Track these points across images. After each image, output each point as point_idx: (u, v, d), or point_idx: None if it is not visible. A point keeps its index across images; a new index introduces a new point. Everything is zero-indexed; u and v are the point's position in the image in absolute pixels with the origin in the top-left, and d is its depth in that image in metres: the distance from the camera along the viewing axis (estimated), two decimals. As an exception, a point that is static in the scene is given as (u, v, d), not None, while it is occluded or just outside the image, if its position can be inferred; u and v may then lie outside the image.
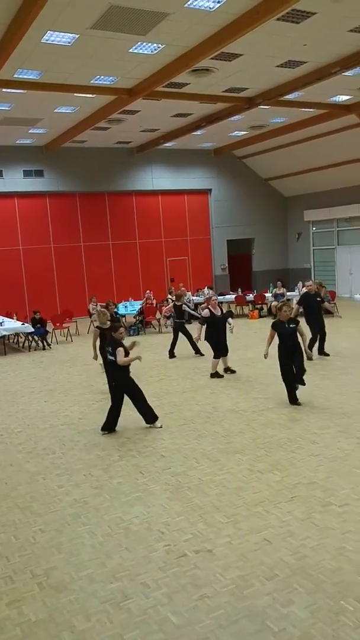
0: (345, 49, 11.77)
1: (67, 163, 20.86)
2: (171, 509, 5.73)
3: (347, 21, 10.27)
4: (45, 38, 10.24)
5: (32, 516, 5.80)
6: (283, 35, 10.74)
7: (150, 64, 12.05)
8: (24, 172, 20.30)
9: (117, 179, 22.04)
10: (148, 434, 8.05)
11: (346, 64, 12.39)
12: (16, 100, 14.19)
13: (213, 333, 10.96)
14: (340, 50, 11.89)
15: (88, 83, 13.12)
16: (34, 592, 4.50)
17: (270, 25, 10.06)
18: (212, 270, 24.68)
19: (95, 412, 9.36)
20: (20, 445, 8.00)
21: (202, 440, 7.66)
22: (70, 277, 21.69)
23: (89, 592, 4.43)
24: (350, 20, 10.27)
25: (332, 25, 10.37)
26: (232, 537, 5.08)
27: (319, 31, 10.61)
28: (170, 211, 23.60)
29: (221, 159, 23.77)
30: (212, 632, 3.89)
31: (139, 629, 3.98)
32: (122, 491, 6.23)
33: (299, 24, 10.21)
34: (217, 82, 13.71)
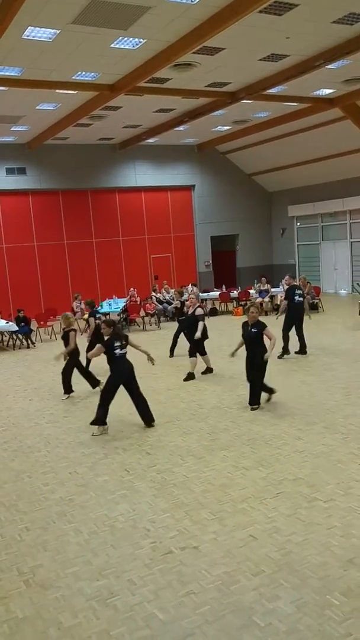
0: (328, 41, 11.74)
1: (50, 160, 20.71)
2: (157, 506, 5.73)
3: (331, 12, 10.22)
4: (26, 34, 10.14)
5: (18, 514, 5.78)
6: (265, 28, 10.71)
7: (131, 59, 11.99)
8: (7, 170, 20.12)
9: (100, 176, 21.94)
10: (133, 432, 8.04)
11: (330, 56, 12.36)
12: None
13: (188, 331, 10.98)
14: (323, 43, 11.86)
15: (70, 79, 13.03)
16: (20, 589, 4.49)
17: (253, 18, 10.01)
18: (196, 267, 24.68)
19: (80, 410, 9.33)
20: (6, 444, 7.96)
21: (187, 437, 7.68)
22: (54, 275, 21.56)
23: (75, 590, 4.43)
24: (334, 12, 10.21)
25: (316, 16, 10.32)
26: (218, 534, 5.10)
27: (302, 23, 10.57)
28: (153, 208, 23.54)
29: (204, 154, 23.75)
30: (198, 627, 3.91)
31: (125, 625, 3.99)
32: (107, 489, 6.23)
33: (281, 16, 10.16)
34: (200, 77, 13.69)
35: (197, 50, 11.52)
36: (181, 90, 14.66)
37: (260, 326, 8.59)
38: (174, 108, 17.02)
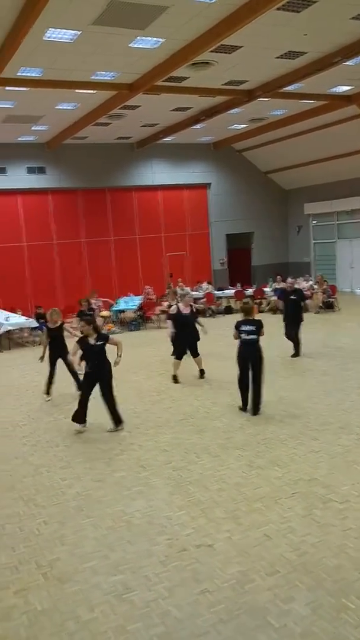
0: (347, 37, 11.63)
1: (69, 159, 20.86)
2: (172, 503, 5.81)
3: (349, 9, 10.12)
4: (47, 35, 10.25)
5: (36, 508, 5.90)
6: (283, 26, 10.66)
7: (150, 58, 12.05)
8: (27, 169, 20.32)
9: (118, 175, 22.04)
10: (149, 428, 8.13)
11: (347, 53, 12.25)
12: (19, 97, 14.20)
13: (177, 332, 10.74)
14: (341, 40, 11.76)
15: (89, 79, 13.12)
16: (39, 582, 4.60)
17: (270, 16, 9.95)
18: (211, 265, 24.70)
19: (97, 406, 9.42)
20: (25, 438, 8.10)
21: (202, 435, 7.74)
22: (72, 272, 21.73)
23: (93, 584, 4.53)
24: (353, 8, 10.10)
25: (334, 13, 10.21)
26: (233, 532, 5.16)
27: (320, 20, 10.49)
28: (169, 206, 23.59)
29: (220, 152, 23.73)
30: (213, 626, 3.98)
31: (141, 621, 4.07)
32: (124, 485, 6.32)
33: (299, 13, 10.09)
34: (217, 75, 13.70)
35: (215, 48, 11.53)
36: (198, 88, 14.69)
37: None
38: (190, 107, 17.05)
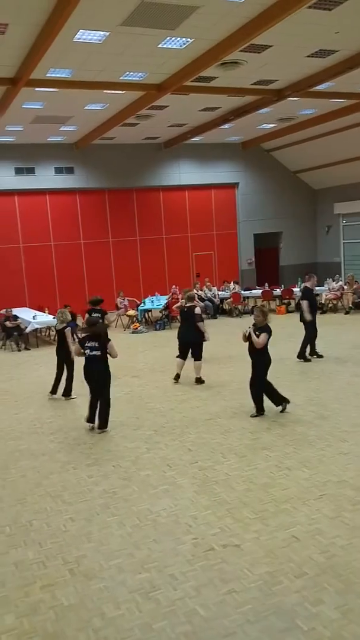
0: (380, 34, 11.47)
1: (97, 160, 21.01)
2: (198, 502, 5.78)
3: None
4: (77, 37, 10.33)
5: (63, 505, 5.93)
6: (314, 24, 10.54)
7: (179, 58, 12.05)
8: (55, 169, 20.54)
9: (145, 175, 22.11)
10: (175, 428, 8.11)
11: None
12: (48, 98, 14.35)
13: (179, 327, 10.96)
14: (374, 37, 11.58)
15: (118, 80, 13.19)
16: (65, 577, 4.62)
17: (301, 14, 9.85)
18: (239, 265, 24.60)
19: (123, 404, 9.46)
20: (52, 435, 8.16)
21: (228, 435, 7.70)
22: (99, 272, 21.88)
23: (118, 581, 4.53)
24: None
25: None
26: (260, 533, 5.11)
27: (352, 17, 10.29)
28: (197, 206, 23.57)
29: (249, 152, 23.63)
30: (240, 626, 3.94)
31: (167, 619, 4.05)
32: (150, 483, 6.31)
33: (331, 11, 9.96)
34: (246, 75, 13.63)
35: (244, 48, 11.46)
36: (227, 88, 14.64)
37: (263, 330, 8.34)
38: (219, 106, 17.00)
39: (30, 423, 8.81)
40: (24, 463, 7.17)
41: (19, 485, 6.51)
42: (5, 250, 20.37)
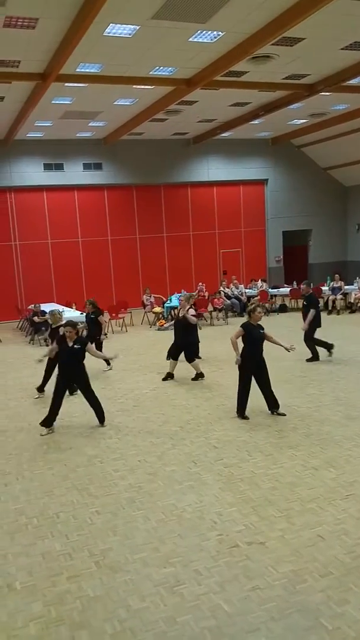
0: None
1: (125, 155, 21.08)
2: (223, 499, 5.77)
3: None
4: (107, 31, 10.35)
5: (90, 498, 5.98)
6: (349, 15, 10.30)
7: (209, 52, 11.99)
8: (84, 165, 20.67)
9: (173, 171, 22.11)
10: (200, 424, 8.11)
11: None
12: (77, 94, 14.43)
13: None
14: None
15: (147, 74, 13.19)
16: (91, 569, 4.67)
17: (336, 5, 9.62)
18: (267, 262, 24.44)
19: (149, 400, 9.50)
20: (79, 429, 8.23)
21: (254, 433, 7.66)
22: (126, 268, 21.98)
23: (143, 575, 4.55)
24: None
25: None
26: (285, 532, 5.08)
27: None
28: (225, 202, 23.48)
29: (278, 148, 23.43)
30: (264, 623, 3.92)
31: (191, 613, 4.06)
32: (175, 479, 6.32)
33: (367, 1, 9.81)
34: (277, 69, 13.50)
35: (276, 41, 11.34)
36: (258, 83, 14.52)
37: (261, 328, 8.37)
38: (249, 102, 16.89)
39: (58, 417, 8.87)
40: (51, 456, 7.25)
41: (47, 477, 6.59)
42: (33, 246, 20.61)
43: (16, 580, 4.56)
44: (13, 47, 10.90)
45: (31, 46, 10.93)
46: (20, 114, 15.88)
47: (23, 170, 19.92)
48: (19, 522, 5.53)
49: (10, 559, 4.87)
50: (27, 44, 10.81)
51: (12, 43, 10.69)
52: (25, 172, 19.96)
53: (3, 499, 6.08)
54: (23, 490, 6.26)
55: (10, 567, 4.76)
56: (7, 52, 11.16)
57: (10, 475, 6.72)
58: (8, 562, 4.84)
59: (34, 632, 3.94)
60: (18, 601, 4.29)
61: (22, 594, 4.39)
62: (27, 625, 4.02)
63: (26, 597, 4.34)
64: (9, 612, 4.17)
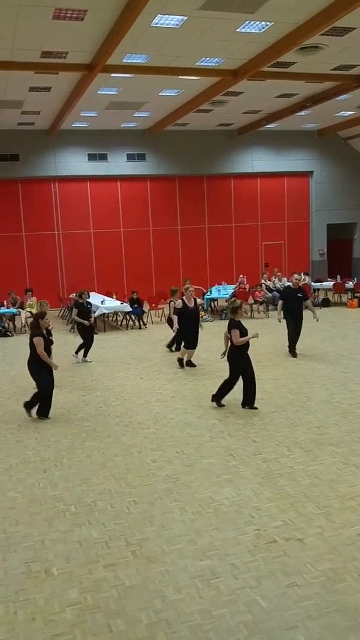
0: None
1: (169, 146, 21.06)
2: (261, 494, 5.73)
3: None
4: (155, 22, 10.33)
5: (127, 487, 6.02)
6: None
7: (257, 43, 11.84)
8: (127, 156, 20.76)
9: (217, 162, 21.97)
10: (239, 418, 8.07)
11: None
12: (123, 84, 14.48)
13: (183, 324, 10.99)
14: None
15: (193, 65, 13.12)
16: (128, 559, 4.70)
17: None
18: (310, 256, 24.09)
19: (188, 391, 9.50)
20: (117, 418, 8.30)
21: (294, 428, 7.58)
22: (166, 259, 22.02)
23: (180, 566, 4.55)
24: None
25: None
26: (324, 529, 5.01)
27: None
28: (268, 194, 23.23)
29: (325, 140, 23.01)
30: (301, 621, 3.88)
31: (227, 607, 4.04)
32: (212, 472, 6.31)
33: None
34: (326, 60, 13.24)
35: (326, 31, 11.13)
36: (305, 74, 14.29)
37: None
38: (296, 93, 16.63)
39: (96, 405, 8.99)
40: (89, 444, 7.33)
41: (85, 465, 6.66)
42: (76, 236, 20.85)
43: (54, 566, 4.63)
44: (61, 38, 11.01)
45: (79, 37, 11.01)
46: (66, 104, 16.04)
47: (67, 160, 20.14)
48: (57, 509, 5.61)
49: (48, 545, 4.95)
50: (75, 36, 10.90)
51: (60, 34, 10.80)
52: (69, 162, 20.17)
53: (42, 485, 6.18)
54: (61, 477, 6.35)
55: (48, 553, 4.83)
56: (55, 43, 11.28)
57: (49, 461, 6.82)
58: (46, 547, 4.91)
59: (70, 618, 4.00)
60: (55, 587, 4.36)
61: (59, 579, 4.45)
62: (63, 610, 4.08)
63: (63, 583, 4.40)
64: (47, 597, 4.24)
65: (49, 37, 10.89)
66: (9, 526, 5.30)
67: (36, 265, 20.53)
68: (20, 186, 20.08)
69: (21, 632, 3.87)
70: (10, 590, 4.33)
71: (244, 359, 8.42)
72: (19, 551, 4.86)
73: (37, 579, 4.47)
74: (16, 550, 4.88)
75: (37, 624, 3.95)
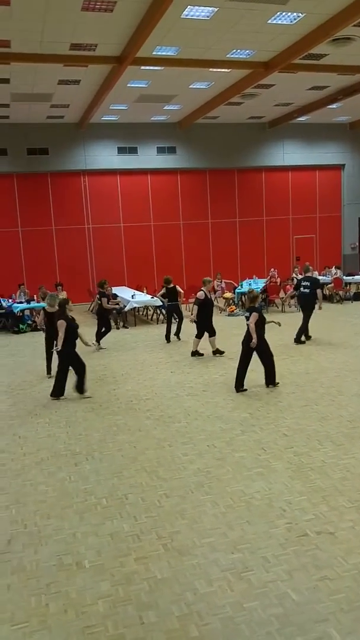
0: None
1: (199, 139, 20.99)
2: (293, 487, 5.71)
3: None
4: (185, 13, 10.29)
5: (158, 480, 6.06)
6: None
7: (288, 34, 11.70)
8: (157, 149, 20.76)
9: (248, 155, 21.83)
10: (270, 412, 8.04)
11: None
12: (153, 77, 14.47)
13: (204, 315, 11.46)
14: None
15: (224, 57, 13.04)
16: (159, 552, 4.73)
17: None
18: (341, 250, 23.79)
19: (218, 385, 9.50)
20: (148, 412, 8.35)
21: (325, 422, 7.52)
22: (197, 253, 21.99)
23: (211, 560, 4.57)
24: None
25: None
26: (356, 523, 4.97)
27: None
28: (299, 187, 23.00)
29: (357, 132, 22.65)
30: (332, 614, 3.86)
31: (258, 600, 4.05)
32: (244, 465, 6.31)
33: None
34: (358, 52, 13.04)
35: (358, 22, 10.94)
36: (337, 66, 14.09)
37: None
38: (328, 85, 16.40)
39: (127, 399, 9.06)
40: (120, 438, 7.40)
41: (116, 459, 6.72)
42: (106, 230, 20.97)
43: (85, 559, 4.68)
44: (90, 30, 11.03)
45: (108, 29, 11.03)
46: (95, 97, 16.10)
47: (97, 153, 20.24)
48: (88, 502, 5.67)
49: (79, 538, 5.01)
50: (105, 27, 10.91)
51: (89, 26, 10.82)
52: (99, 155, 20.28)
53: (73, 478, 6.25)
54: (92, 471, 6.41)
55: (80, 546, 4.89)
56: (85, 35, 11.31)
57: (80, 455, 6.90)
58: (77, 540, 4.97)
59: (102, 610, 4.04)
60: (87, 579, 4.41)
61: (90, 572, 4.50)
62: (95, 602, 4.13)
63: (95, 576, 4.45)
64: (78, 589, 4.29)
65: (78, 29, 10.91)
66: (40, 519, 5.38)
67: (66, 260, 20.71)
68: (50, 180, 20.24)
69: (53, 624, 3.93)
70: (42, 582, 4.40)
71: (262, 342, 9.04)
72: (50, 544, 4.94)
73: (69, 571, 4.53)
74: (47, 543, 4.96)
75: (69, 616, 4.00)
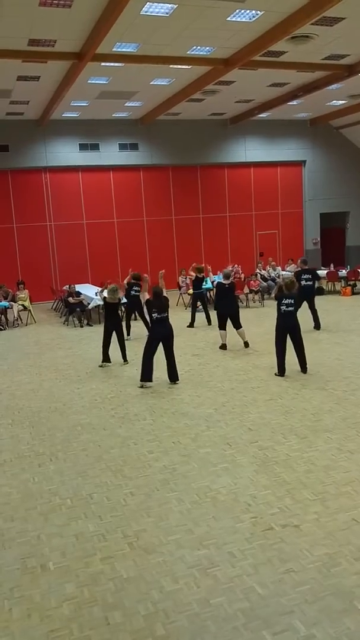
0: None
1: (161, 136, 20.96)
2: (258, 482, 5.76)
3: None
4: (144, 10, 10.24)
5: (124, 479, 6.03)
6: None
7: (247, 32, 11.76)
8: (119, 146, 20.63)
9: (210, 152, 21.89)
10: (235, 407, 8.09)
11: None
12: (113, 73, 14.36)
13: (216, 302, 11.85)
14: None
15: (184, 54, 13.03)
16: (125, 551, 4.71)
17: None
18: (304, 245, 24.10)
19: (183, 382, 9.51)
20: (113, 411, 8.30)
21: (289, 416, 7.61)
22: (161, 250, 21.95)
23: (177, 557, 4.57)
24: None
25: None
26: (320, 515, 5.04)
27: None
28: (262, 184, 23.19)
29: (317, 129, 22.96)
30: (297, 605, 3.91)
31: (225, 595, 4.07)
32: (209, 461, 6.33)
33: None
34: (317, 50, 13.18)
35: (316, 21, 11.08)
36: (297, 63, 14.24)
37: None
38: (288, 82, 16.57)
39: (92, 398, 8.99)
40: (85, 437, 7.33)
41: (80, 458, 6.66)
42: (68, 227, 20.74)
43: (50, 561, 4.61)
44: (49, 26, 10.88)
45: (67, 25, 10.89)
46: (56, 93, 15.89)
47: (58, 150, 20.00)
48: (52, 503, 5.60)
49: (44, 540, 4.94)
50: (63, 23, 10.77)
51: (48, 22, 10.66)
52: (60, 152, 20.03)
53: (37, 479, 6.17)
54: (57, 471, 6.34)
55: (44, 547, 4.82)
56: (43, 31, 11.14)
57: (43, 455, 6.81)
58: (42, 542, 4.90)
59: (67, 613, 3.99)
60: (52, 582, 4.34)
61: (55, 574, 4.44)
62: (60, 605, 4.07)
63: (59, 578, 4.39)
64: (42, 592, 4.22)
65: (36, 24, 10.73)
66: (4, 522, 5.29)
67: (28, 258, 20.38)
68: (10, 177, 19.89)
69: (16, 630, 3.86)
70: (5, 587, 4.32)
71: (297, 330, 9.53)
72: (14, 547, 4.85)
73: (33, 574, 4.45)
74: (11, 546, 4.87)
75: (32, 620, 3.94)
